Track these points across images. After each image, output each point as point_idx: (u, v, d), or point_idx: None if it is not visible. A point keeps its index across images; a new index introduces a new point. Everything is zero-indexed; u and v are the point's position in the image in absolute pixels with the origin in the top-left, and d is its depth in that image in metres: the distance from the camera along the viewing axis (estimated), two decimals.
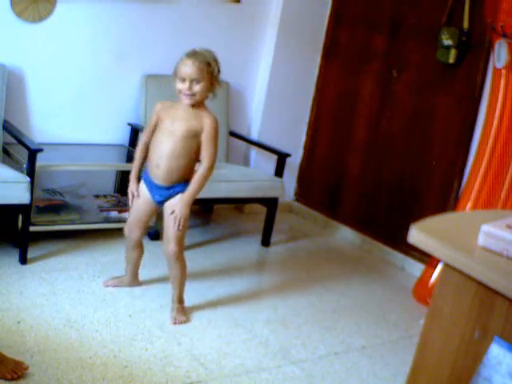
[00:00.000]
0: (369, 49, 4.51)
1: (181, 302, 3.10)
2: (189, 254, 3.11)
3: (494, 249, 1.50)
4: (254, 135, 4.74)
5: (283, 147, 4.44)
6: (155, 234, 3.89)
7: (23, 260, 3.35)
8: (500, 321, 1.45)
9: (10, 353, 2.46)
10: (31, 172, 3.29)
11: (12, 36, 3.66)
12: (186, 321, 3.06)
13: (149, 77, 4.11)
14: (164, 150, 2.91)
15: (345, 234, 4.64)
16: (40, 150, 3.32)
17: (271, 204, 4.18)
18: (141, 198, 3.06)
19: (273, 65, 4.63)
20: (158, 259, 3.55)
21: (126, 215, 3.69)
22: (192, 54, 2.86)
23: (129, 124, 4.15)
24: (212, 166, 2.95)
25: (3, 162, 3.53)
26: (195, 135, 2.90)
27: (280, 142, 4.60)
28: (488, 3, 3.45)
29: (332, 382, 2.78)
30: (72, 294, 3.13)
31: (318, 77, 4.85)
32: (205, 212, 4.60)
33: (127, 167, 3.62)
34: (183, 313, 3.08)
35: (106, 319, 2.95)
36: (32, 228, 3.41)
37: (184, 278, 3.08)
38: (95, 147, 4.08)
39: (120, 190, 4.13)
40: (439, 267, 3.46)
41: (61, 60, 3.86)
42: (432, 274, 3.68)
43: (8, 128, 3.59)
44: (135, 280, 3.30)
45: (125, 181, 3.86)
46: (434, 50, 3.98)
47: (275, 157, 4.32)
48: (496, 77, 3.47)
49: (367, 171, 4.53)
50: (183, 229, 2.97)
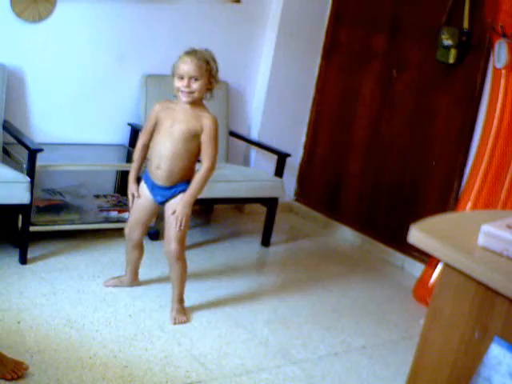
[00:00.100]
0: (369, 49, 4.51)
1: (181, 302, 3.10)
2: (189, 254, 3.11)
3: (494, 249, 1.50)
4: (254, 135, 4.74)
5: (283, 147, 4.44)
6: (155, 234, 3.90)
7: (23, 260, 3.35)
8: (500, 321, 1.45)
9: (10, 353, 2.46)
10: (31, 172, 3.29)
11: (12, 36, 3.66)
12: (186, 321, 3.06)
13: (149, 77, 4.11)
14: (164, 151, 2.91)
15: (345, 234, 4.64)
16: (40, 150, 3.32)
17: (271, 204, 4.18)
18: (142, 199, 3.06)
19: (273, 65, 4.63)
20: (158, 259, 3.56)
21: (126, 215, 3.70)
22: (191, 52, 2.87)
23: (129, 124, 4.15)
24: (213, 167, 2.95)
25: (3, 162, 3.53)
26: (195, 136, 2.90)
27: (280, 142, 4.60)
28: (488, 3, 3.45)
29: (332, 382, 2.78)
30: (72, 294, 3.13)
31: (318, 77, 4.85)
32: (205, 212, 4.60)
33: (127, 167, 3.62)
34: (183, 313, 3.08)
35: (106, 319, 2.95)
36: (32, 228, 3.41)
37: (184, 279, 3.07)
38: (95, 147, 4.09)
39: (120, 190, 4.13)
40: (439, 267, 3.46)
41: (61, 60, 3.87)
42: (432, 274, 3.69)
43: (8, 128, 3.60)
44: (135, 280, 3.30)
45: (125, 181, 3.85)
46: (434, 50, 3.98)
47: (275, 157, 4.32)
48: (496, 77, 3.47)
49: (367, 171, 4.53)
50: (184, 229, 2.97)
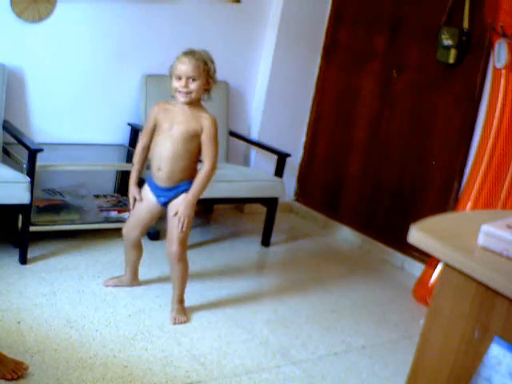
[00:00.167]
0: (369, 49, 4.51)
1: (181, 302, 3.10)
2: (189, 254, 3.10)
3: (494, 249, 1.50)
4: (254, 135, 4.74)
5: (283, 147, 4.44)
6: (155, 234, 3.90)
7: (23, 260, 3.35)
8: (500, 321, 1.45)
9: (10, 353, 2.46)
10: (31, 172, 3.29)
11: (12, 36, 3.66)
12: (186, 321, 3.06)
13: (149, 77, 4.11)
14: (164, 153, 2.91)
15: (345, 234, 4.64)
16: (40, 150, 3.32)
17: (271, 204, 4.18)
18: (145, 202, 3.04)
19: (273, 65, 4.63)
20: (158, 259, 3.56)
21: (126, 215, 3.69)
22: (188, 53, 2.87)
23: (129, 124, 4.15)
24: (214, 167, 2.95)
25: (3, 162, 3.53)
26: (195, 136, 2.90)
27: (280, 142, 4.60)
28: (488, 3, 3.45)
29: (332, 382, 2.78)
30: (72, 294, 3.13)
31: (318, 77, 4.85)
32: (205, 212, 4.60)
33: (127, 167, 3.63)
34: (183, 313, 3.08)
35: (106, 319, 2.95)
36: (32, 228, 3.41)
37: (185, 279, 3.07)
38: (95, 147, 4.09)
39: (120, 190, 4.13)
40: (439, 267, 3.46)
41: (61, 60, 3.86)
42: (432, 274, 3.68)
43: (8, 128, 3.60)
44: (135, 280, 3.30)
45: (125, 181, 3.86)
46: (434, 50, 3.98)
47: (275, 157, 4.32)
48: (496, 77, 3.47)
49: (367, 171, 4.52)
50: (187, 230, 2.96)
